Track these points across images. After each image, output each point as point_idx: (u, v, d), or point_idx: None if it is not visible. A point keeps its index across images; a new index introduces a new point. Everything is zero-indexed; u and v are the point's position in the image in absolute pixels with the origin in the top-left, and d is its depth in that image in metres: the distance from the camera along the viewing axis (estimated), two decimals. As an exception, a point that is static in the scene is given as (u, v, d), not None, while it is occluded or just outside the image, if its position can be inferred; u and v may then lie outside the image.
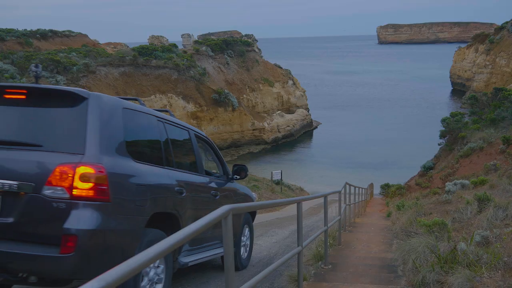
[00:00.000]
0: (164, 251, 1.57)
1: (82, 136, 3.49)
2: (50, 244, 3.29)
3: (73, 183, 3.32)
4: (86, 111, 3.57)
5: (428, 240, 5.59)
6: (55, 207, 3.31)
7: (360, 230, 10.46)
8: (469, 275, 4.15)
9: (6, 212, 3.39)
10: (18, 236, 3.38)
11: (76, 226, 3.25)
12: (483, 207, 7.91)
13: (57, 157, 3.42)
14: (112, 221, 3.44)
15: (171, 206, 4.21)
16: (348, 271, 6.01)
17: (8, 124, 3.75)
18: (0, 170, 3.44)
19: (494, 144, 18.37)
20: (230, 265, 2.33)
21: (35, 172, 3.41)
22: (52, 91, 3.82)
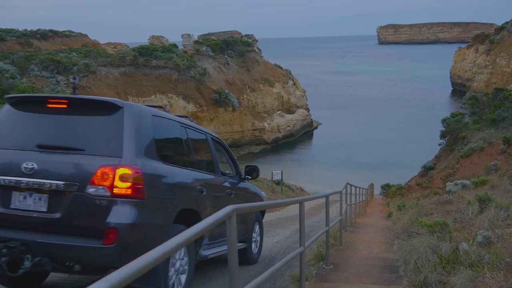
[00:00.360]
0: (164, 255, 1.57)
1: (119, 141, 3.92)
2: (93, 237, 3.69)
3: (113, 182, 3.74)
4: (122, 119, 4.00)
5: (430, 240, 5.58)
6: (97, 204, 3.73)
7: (361, 230, 10.45)
8: (471, 275, 4.14)
9: (53, 208, 3.82)
10: (65, 230, 3.79)
11: (117, 220, 3.66)
12: (484, 207, 7.90)
13: (98, 160, 3.85)
14: (147, 216, 3.86)
15: (194, 203, 4.62)
16: (350, 271, 6.00)
17: (52, 130, 4.19)
18: (47, 171, 3.85)
19: (494, 144, 18.37)
20: (234, 264, 2.33)
21: (79, 173, 3.83)
22: (90, 101, 4.25)
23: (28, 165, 3.88)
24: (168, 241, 1.70)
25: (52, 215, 3.81)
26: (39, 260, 3.66)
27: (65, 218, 3.79)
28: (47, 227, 3.82)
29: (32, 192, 3.90)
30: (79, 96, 4.24)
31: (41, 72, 34.71)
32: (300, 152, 49.04)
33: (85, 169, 3.82)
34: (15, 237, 3.71)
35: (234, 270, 2.34)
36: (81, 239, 3.72)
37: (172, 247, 1.58)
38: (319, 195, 6.60)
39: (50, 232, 3.79)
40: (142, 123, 4.14)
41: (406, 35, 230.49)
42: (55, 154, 3.99)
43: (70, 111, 4.18)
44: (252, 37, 66.99)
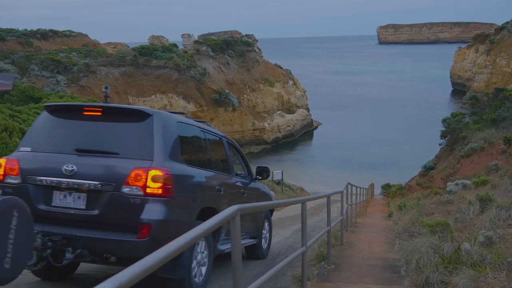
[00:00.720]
0: (165, 258, 1.56)
1: (150, 146, 4.34)
2: (128, 231, 4.08)
3: (146, 183, 4.14)
4: (151, 125, 4.42)
5: (432, 240, 5.58)
6: (132, 202, 4.12)
7: (362, 230, 10.45)
8: (473, 275, 4.14)
9: (91, 206, 4.21)
10: (102, 225, 4.18)
11: (150, 217, 4.06)
12: (485, 207, 7.90)
13: (132, 162, 4.25)
14: (175, 213, 4.26)
15: (213, 202, 5.04)
16: (351, 271, 6.00)
17: (88, 136, 4.60)
18: (86, 173, 4.25)
19: (495, 144, 18.36)
20: (238, 264, 2.34)
21: (115, 175, 4.22)
22: (123, 109, 4.73)
23: (68, 167, 4.28)
24: (156, 252, 1.61)
25: (91, 212, 4.21)
26: (80, 252, 4.08)
27: (102, 215, 4.18)
28: (86, 223, 4.22)
29: (72, 191, 4.30)
30: (112, 105, 4.65)
31: (41, 72, 34.71)
32: (300, 152, 49.04)
33: (120, 171, 4.22)
34: (57, 232, 4.08)
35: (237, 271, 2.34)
36: (117, 233, 4.12)
37: (159, 259, 1.53)
38: (321, 195, 6.61)
39: (89, 228, 4.19)
40: (169, 129, 4.56)
41: (406, 35, 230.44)
42: (92, 157, 4.40)
43: (104, 118, 4.60)
44: (252, 37, 67.00)
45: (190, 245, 1.72)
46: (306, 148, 50.98)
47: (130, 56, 41.33)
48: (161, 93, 41.43)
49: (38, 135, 4.67)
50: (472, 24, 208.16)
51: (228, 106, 45.33)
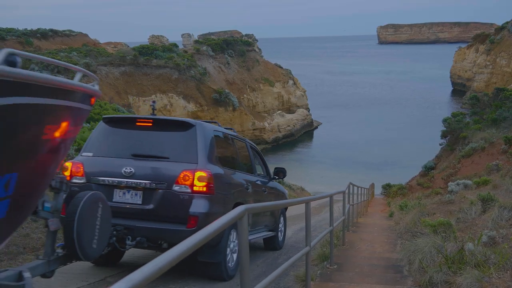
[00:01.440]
0: (175, 260, 1.58)
1: (194, 151, 5.18)
2: (179, 222, 4.92)
3: (193, 182, 4.98)
4: (195, 134, 5.27)
5: (435, 240, 5.58)
6: (181, 198, 4.97)
7: (364, 230, 10.45)
8: (478, 275, 4.14)
9: (147, 201, 5.05)
10: (157, 218, 5.01)
11: (197, 210, 4.92)
12: (487, 207, 7.90)
13: (180, 165, 5.08)
14: (216, 207, 5.05)
15: (243, 198, 5.90)
16: (354, 271, 6.00)
17: (142, 143, 5.43)
18: (142, 174, 5.08)
19: (495, 144, 18.36)
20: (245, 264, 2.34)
21: (167, 175, 5.06)
22: (170, 120, 5.65)
23: (127, 169, 5.11)
24: (165, 254, 1.65)
25: (146, 207, 5.04)
26: (140, 240, 4.93)
27: (156, 209, 5.01)
28: (142, 216, 5.04)
29: (130, 189, 5.14)
30: (161, 117, 5.64)
31: (42, 71, 34.70)
32: (300, 152, 49.04)
33: (171, 173, 5.06)
34: (119, 223, 4.82)
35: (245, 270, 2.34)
36: (169, 224, 4.95)
37: (168, 262, 1.55)
38: (324, 195, 6.62)
39: (145, 219, 5.02)
40: (208, 136, 5.42)
41: (406, 35, 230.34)
42: (147, 161, 5.24)
43: (154, 128, 5.46)
44: (252, 36, 66.95)
45: (193, 249, 1.75)
46: (306, 148, 50.98)
47: (130, 56, 41.30)
48: (161, 93, 41.41)
49: (97, 142, 5.48)
50: (472, 24, 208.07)
51: (228, 106, 45.32)
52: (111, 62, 39.81)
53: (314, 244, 4.71)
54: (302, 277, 5.49)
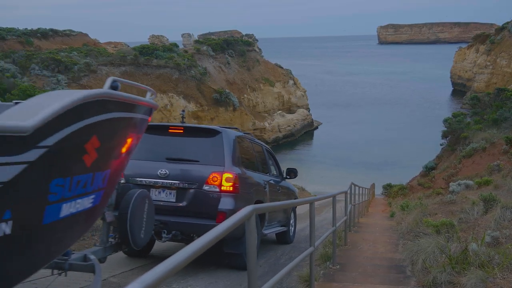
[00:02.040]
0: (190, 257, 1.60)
1: (221, 155, 5.87)
2: (209, 218, 5.54)
3: (221, 182, 5.66)
4: (221, 140, 5.97)
5: (438, 240, 5.57)
6: (211, 196, 5.64)
7: (365, 230, 10.45)
8: (482, 275, 4.13)
9: (180, 199, 5.73)
10: (189, 214, 5.68)
11: (225, 207, 5.59)
12: (489, 207, 7.89)
13: (209, 168, 5.77)
14: (240, 205, 5.56)
15: (262, 196, 6.56)
16: (357, 271, 6.00)
17: (175, 147, 6.12)
18: (175, 175, 5.75)
19: (496, 144, 18.36)
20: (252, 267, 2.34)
21: (197, 177, 5.73)
22: (199, 128, 6.37)
23: (162, 171, 5.75)
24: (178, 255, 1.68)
25: (179, 204, 5.71)
26: (174, 233, 5.61)
27: (189, 206, 5.68)
28: (176, 212, 5.69)
29: (165, 189, 5.79)
30: (191, 125, 6.34)
31: (42, 71, 34.66)
32: (300, 152, 49.02)
33: (201, 174, 5.73)
34: (155, 218, 5.16)
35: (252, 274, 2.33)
36: (200, 219, 5.58)
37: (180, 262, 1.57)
38: (327, 195, 6.63)
39: (179, 215, 5.68)
40: (232, 142, 6.11)
41: (406, 35, 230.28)
42: (180, 164, 5.89)
43: (185, 135, 6.16)
44: (253, 36, 66.93)
45: (200, 253, 1.73)
46: (306, 148, 50.96)
47: (131, 56, 41.26)
48: (161, 93, 41.38)
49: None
50: (472, 24, 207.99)
51: (228, 106, 45.30)
52: (111, 62, 39.78)
53: (318, 244, 4.71)
54: (305, 277, 5.48)
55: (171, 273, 1.39)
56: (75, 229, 3.19)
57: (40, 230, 2.63)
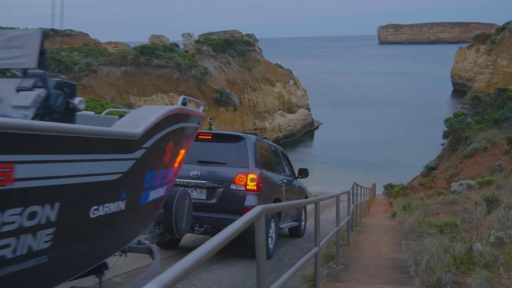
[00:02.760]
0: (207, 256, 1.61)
1: (245, 158, 6.72)
2: (236, 213, 6.23)
3: (246, 182, 6.53)
4: (245, 145, 6.83)
5: (442, 240, 5.57)
6: (237, 194, 6.53)
7: (368, 230, 10.45)
8: (487, 276, 4.13)
9: (210, 197, 6.59)
10: (218, 210, 6.51)
11: (250, 203, 6.41)
12: (491, 207, 7.88)
13: (236, 170, 6.64)
14: (262, 201, 6.46)
15: (279, 194, 7.50)
16: (361, 272, 5.99)
17: (204, 152, 6.80)
18: (206, 176, 6.60)
19: (498, 144, 18.34)
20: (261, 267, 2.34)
21: (225, 177, 6.59)
22: (225, 134, 7.19)
23: (194, 173, 6.58)
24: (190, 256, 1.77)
25: (210, 201, 6.55)
26: (206, 227, 6.48)
27: (218, 203, 6.52)
28: (207, 208, 6.50)
29: (197, 188, 6.59)
30: (218, 132, 7.16)
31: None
32: (301, 151, 49.00)
33: (229, 175, 6.58)
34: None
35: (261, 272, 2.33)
36: (228, 214, 6.32)
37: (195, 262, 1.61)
38: (330, 195, 6.64)
39: (209, 211, 6.49)
40: (254, 146, 6.91)
41: (406, 35, 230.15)
42: (209, 166, 6.68)
43: (213, 140, 6.93)
44: (253, 36, 66.88)
45: (216, 250, 1.79)
46: (307, 148, 50.95)
47: (131, 56, 41.24)
48: (162, 93, 41.38)
49: None
50: (473, 24, 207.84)
51: (229, 106, 45.28)
52: (112, 62, 39.77)
53: (323, 244, 4.70)
54: (309, 277, 5.48)
55: (186, 273, 1.39)
56: (152, 213, 4.01)
57: (138, 210, 3.52)
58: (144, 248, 4.67)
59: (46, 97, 3.04)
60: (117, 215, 3.08)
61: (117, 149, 2.96)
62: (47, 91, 3.07)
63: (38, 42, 3.34)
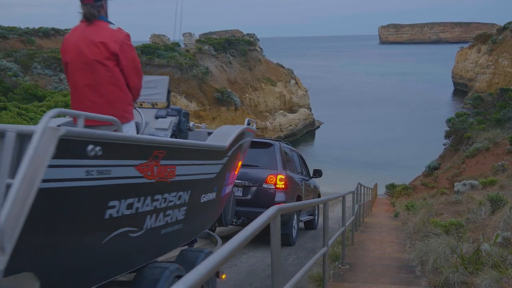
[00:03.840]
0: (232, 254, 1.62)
1: (274, 161, 7.93)
2: (267, 207, 7.13)
3: (276, 182, 7.71)
4: (274, 150, 8.05)
5: (450, 240, 5.55)
6: (269, 192, 7.70)
7: (371, 230, 10.44)
8: (496, 276, 4.12)
9: (245, 194, 7.74)
10: (252, 204, 7.60)
11: (279, 199, 7.60)
12: (496, 208, 7.87)
13: (267, 171, 7.80)
14: (288, 198, 7.81)
15: (299, 192, 8.66)
16: (367, 271, 5.98)
17: None
18: (242, 177, 7.49)
19: (500, 144, 18.33)
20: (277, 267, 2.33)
21: (258, 178, 7.76)
22: (257, 141, 7.91)
23: None
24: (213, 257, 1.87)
25: (245, 197, 7.70)
26: (243, 219, 7.51)
27: (252, 199, 7.67)
28: (243, 203, 7.57)
29: (234, 186, 6.93)
30: (254, 139, 7.71)
31: (44, 70, 34.65)
32: (302, 151, 48.89)
33: (261, 176, 7.74)
34: None
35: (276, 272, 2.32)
36: (262, 208, 7.18)
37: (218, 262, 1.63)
38: (336, 195, 6.65)
39: (245, 206, 7.59)
40: (281, 151, 8.11)
41: (407, 35, 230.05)
42: (245, 168, 7.15)
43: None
44: (254, 36, 66.88)
45: (240, 248, 1.85)
46: (308, 148, 50.91)
47: (133, 55, 41.24)
48: (163, 92, 41.36)
49: None
50: (473, 24, 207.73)
51: (230, 105, 45.28)
52: (113, 61, 39.76)
53: (331, 244, 4.70)
54: (316, 277, 5.47)
55: (211, 273, 1.39)
56: (223, 203, 4.99)
57: (220, 200, 4.63)
58: (204, 233, 5.56)
59: (178, 122, 4.48)
60: (211, 202, 4.27)
61: (215, 156, 4.12)
62: (179, 119, 4.50)
63: (166, 85, 4.73)
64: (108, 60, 3.28)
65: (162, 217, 3.21)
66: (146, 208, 2.94)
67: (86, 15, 3.41)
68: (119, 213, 2.63)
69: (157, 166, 2.97)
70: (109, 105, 3.31)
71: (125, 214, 2.70)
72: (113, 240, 2.62)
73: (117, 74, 3.34)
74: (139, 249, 3.03)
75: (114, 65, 3.31)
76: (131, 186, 2.72)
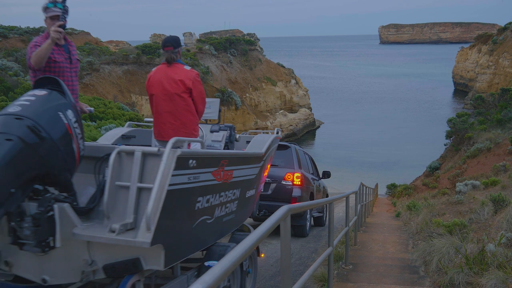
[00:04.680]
0: (246, 253, 1.63)
1: (291, 161, 8.84)
2: (286, 201, 8.01)
3: (293, 179, 8.53)
4: (291, 152, 9.01)
5: (454, 240, 5.55)
6: (287, 188, 8.50)
7: (373, 230, 10.43)
8: (502, 276, 4.11)
9: (266, 190, 8.36)
10: (272, 199, 8.39)
11: (296, 194, 8.46)
12: (498, 208, 7.86)
13: (285, 170, 8.65)
14: (303, 193, 8.68)
15: (312, 190, 9.48)
16: (370, 272, 5.98)
17: None
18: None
19: (501, 145, 18.30)
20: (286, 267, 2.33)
21: (277, 175, 8.52)
22: (278, 144, 7.91)
23: None
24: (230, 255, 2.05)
25: (266, 193, 8.38)
26: (264, 211, 8.26)
27: (272, 194, 8.46)
28: (264, 198, 8.18)
29: None
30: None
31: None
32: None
33: (280, 174, 8.53)
34: None
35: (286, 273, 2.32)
36: (281, 202, 7.76)
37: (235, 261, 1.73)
38: (340, 195, 6.63)
39: (266, 200, 8.25)
40: (297, 153, 9.12)
41: (408, 35, 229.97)
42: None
43: None
44: (254, 35, 66.86)
45: (253, 248, 1.87)
46: (309, 148, 50.88)
47: (133, 55, 41.24)
48: (164, 92, 41.36)
49: None
50: (474, 24, 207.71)
51: (231, 105, 45.24)
52: (114, 61, 39.76)
53: (335, 244, 4.69)
54: (320, 277, 5.47)
55: (228, 272, 1.39)
56: (257, 199, 5.64)
57: (257, 195, 5.39)
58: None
59: (229, 136, 5.50)
60: (252, 197, 5.10)
61: (255, 161, 4.91)
62: (230, 132, 5.55)
63: (218, 105, 6.12)
64: (184, 93, 4.42)
65: (224, 208, 4.17)
66: (216, 202, 3.92)
67: (168, 59, 4.62)
68: (202, 206, 3.64)
69: (223, 171, 3.97)
70: (183, 126, 4.45)
71: (205, 207, 3.70)
72: (198, 225, 3.63)
73: (190, 103, 4.46)
74: (211, 232, 3.99)
75: (188, 97, 4.44)
76: (209, 187, 3.71)
